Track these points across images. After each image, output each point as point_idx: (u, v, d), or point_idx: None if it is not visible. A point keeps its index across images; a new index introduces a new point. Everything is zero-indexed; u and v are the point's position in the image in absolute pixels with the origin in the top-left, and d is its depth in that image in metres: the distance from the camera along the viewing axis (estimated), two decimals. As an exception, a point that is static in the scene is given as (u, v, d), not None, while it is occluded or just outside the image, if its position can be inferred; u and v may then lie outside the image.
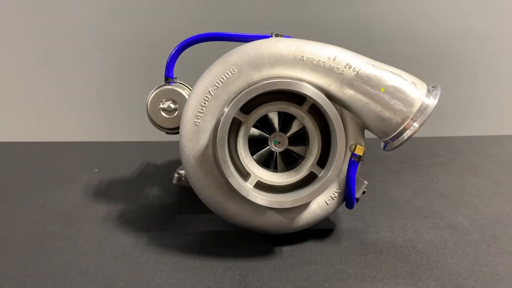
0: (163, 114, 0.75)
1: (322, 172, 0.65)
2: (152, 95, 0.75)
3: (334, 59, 0.63)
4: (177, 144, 0.66)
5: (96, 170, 1.01)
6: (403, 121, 0.63)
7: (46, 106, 1.24)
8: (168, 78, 0.76)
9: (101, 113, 1.25)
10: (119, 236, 0.72)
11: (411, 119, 0.63)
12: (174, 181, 0.72)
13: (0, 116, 1.24)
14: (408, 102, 0.63)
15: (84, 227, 0.75)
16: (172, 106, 0.75)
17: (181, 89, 0.75)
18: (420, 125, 0.63)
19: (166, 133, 0.77)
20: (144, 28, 1.19)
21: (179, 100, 0.74)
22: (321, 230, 0.73)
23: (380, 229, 0.74)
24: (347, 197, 0.68)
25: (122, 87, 1.23)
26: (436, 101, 0.64)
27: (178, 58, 0.77)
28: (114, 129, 1.26)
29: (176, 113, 0.75)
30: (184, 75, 0.79)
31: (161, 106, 0.75)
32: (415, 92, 0.63)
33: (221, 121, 0.61)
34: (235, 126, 0.66)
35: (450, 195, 0.88)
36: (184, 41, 0.76)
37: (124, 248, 0.69)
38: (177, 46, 0.76)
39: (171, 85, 0.75)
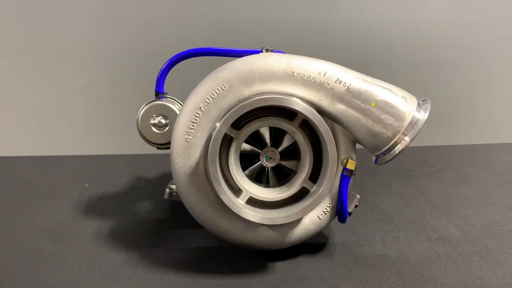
0: (154, 129, 0.74)
1: (314, 187, 0.65)
2: (143, 110, 0.74)
3: (324, 74, 0.63)
4: (168, 157, 0.66)
5: (87, 184, 1.00)
6: (394, 135, 0.63)
7: (36, 120, 1.23)
8: (159, 93, 0.75)
9: (92, 126, 1.24)
10: (110, 253, 0.71)
11: (402, 133, 0.63)
12: (166, 196, 0.72)
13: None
14: (398, 117, 0.63)
15: (74, 245, 0.74)
16: (163, 121, 0.74)
17: (172, 104, 0.75)
18: (411, 139, 0.63)
19: (157, 148, 0.77)
20: (136, 41, 1.19)
21: (170, 116, 0.74)
22: (314, 244, 0.73)
23: (372, 242, 0.74)
24: (340, 212, 0.67)
25: (113, 100, 1.22)
26: (426, 115, 0.64)
27: (169, 73, 0.77)
28: (105, 142, 1.25)
29: (167, 128, 0.74)
30: (175, 90, 0.79)
31: (152, 121, 0.74)
32: (406, 106, 0.64)
33: (212, 138, 0.61)
34: (226, 141, 0.65)
35: (442, 206, 0.88)
36: (175, 56, 0.75)
37: (116, 266, 0.68)
38: (168, 61, 0.76)
39: (162, 101, 0.75)
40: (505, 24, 1.27)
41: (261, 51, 0.70)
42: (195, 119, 0.63)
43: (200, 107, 0.63)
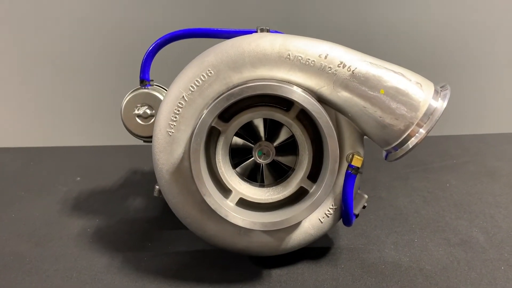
0: (138, 120, 0.67)
1: (314, 187, 0.57)
2: (126, 99, 0.68)
3: (325, 57, 0.54)
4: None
5: (78, 178, 0.94)
6: (407, 127, 0.54)
7: (29, 109, 1.18)
8: (144, 80, 0.68)
9: (87, 115, 1.19)
10: (92, 257, 0.65)
11: (416, 124, 0.54)
12: (155, 194, 0.65)
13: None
14: (412, 106, 0.54)
15: (55, 246, 0.68)
16: (148, 112, 0.67)
17: (158, 92, 0.67)
18: (427, 132, 0.54)
19: (144, 141, 0.70)
20: (124, 20, 1.12)
21: (156, 105, 0.67)
22: (316, 248, 0.65)
23: (383, 247, 0.66)
24: (344, 214, 0.59)
25: (109, 88, 1.16)
26: (445, 103, 0.55)
27: (156, 58, 0.69)
28: (102, 132, 1.19)
29: (152, 119, 0.67)
30: (163, 77, 0.71)
31: (136, 112, 0.67)
32: (421, 93, 0.55)
33: (195, 131, 0.53)
34: (215, 135, 0.58)
35: (464, 204, 0.79)
36: (161, 38, 0.68)
37: (96, 272, 0.62)
38: (153, 44, 0.68)
39: (147, 89, 0.67)
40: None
41: (256, 31, 0.61)
42: (178, 110, 0.56)
43: (183, 96, 0.56)
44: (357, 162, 0.57)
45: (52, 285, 0.59)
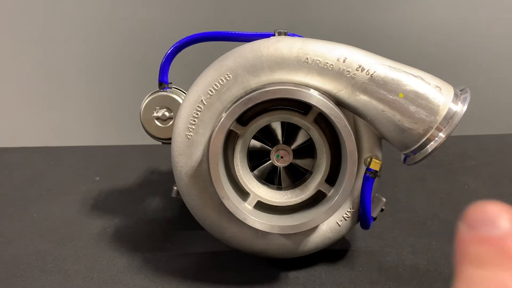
0: (157, 123, 0.68)
1: (332, 191, 0.57)
2: (145, 102, 0.68)
3: (344, 61, 0.54)
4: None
5: (98, 178, 0.95)
6: (426, 131, 0.54)
7: (50, 109, 1.20)
8: (162, 83, 0.69)
9: (107, 115, 1.20)
10: (112, 257, 0.66)
11: (436, 128, 0.54)
12: (173, 195, 0.66)
13: None
14: (431, 110, 0.54)
15: (76, 246, 0.69)
16: (167, 114, 0.68)
17: (176, 95, 0.68)
18: (447, 136, 0.54)
19: (162, 143, 0.70)
20: (144, 23, 1.12)
21: (175, 108, 0.67)
22: (333, 251, 0.65)
23: (401, 250, 0.66)
24: (362, 218, 0.59)
25: (128, 88, 1.17)
26: (465, 107, 0.54)
27: (174, 61, 0.70)
28: (121, 132, 1.20)
29: (171, 122, 0.68)
30: (179, 80, 0.72)
31: (155, 114, 0.68)
32: (440, 97, 0.54)
33: (213, 135, 0.54)
34: (233, 138, 0.58)
35: (483, 207, 0.78)
36: (179, 41, 0.68)
37: (116, 272, 0.63)
38: (172, 47, 0.68)
39: (166, 91, 0.68)
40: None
41: (274, 35, 0.61)
42: (197, 114, 0.56)
43: (202, 100, 0.56)
44: (375, 165, 0.57)
45: (74, 284, 0.60)
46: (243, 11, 1.13)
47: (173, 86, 0.70)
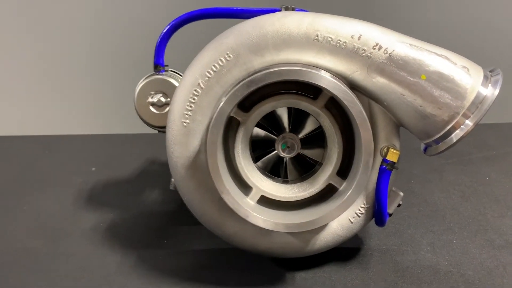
0: (152, 109, 0.63)
1: (344, 184, 0.51)
2: (139, 86, 0.63)
3: (359, 38, 0.48)
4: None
5: (94, 169, 0.90)
6: (451, 118, 0.48)
7: (44, 95, 1.15)
8: (158, 65, 0.64)
9: (104, 103, 1.15)
10: (104, 254, 0.62)
11: (462, 115, 0.48)
12: (171, 187, 0.61)
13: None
14: (458, 93, 0.48)
15: (66, 243, 0.65)
16: (163, 99, 0.62)
17: (173, 79, 0.62)
18: (475, 123, 0.48)
19: (158, 131, 0.65)
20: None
21: (171, 93, 0.62)
22: (345, 249, 0.60)
23: (418, 248, 0.61)
24: (377, 214, 0.54)
25: (125, 74, 1.12)
26: (496, 91, 0.49)
27: (171, 41, 0.64)
28: (119, 120, 1.15)
29: (167, 108, 0.62)
30: (178, 63, 0.66)
31: (150, 100, 0.62)
32: (468, 79, 0.48)
33: (212, 122, 0.48)
34: (234, 126, 0.53)
35: (507, 200, 0.73)
36: (176, 19, 0.63)
37: (108, 271, 0.58)
38: (168, 25, 0.63)
39: (162, 74, 0.63)
40: None
41: (280, 10, 0.56)
42: (194, 99, 0.51)
43: (199, 83, 0.51)
44: (392, 156, 0.51)
45: (62, 285, 0.56)
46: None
47: (170, 69, 0.65)
